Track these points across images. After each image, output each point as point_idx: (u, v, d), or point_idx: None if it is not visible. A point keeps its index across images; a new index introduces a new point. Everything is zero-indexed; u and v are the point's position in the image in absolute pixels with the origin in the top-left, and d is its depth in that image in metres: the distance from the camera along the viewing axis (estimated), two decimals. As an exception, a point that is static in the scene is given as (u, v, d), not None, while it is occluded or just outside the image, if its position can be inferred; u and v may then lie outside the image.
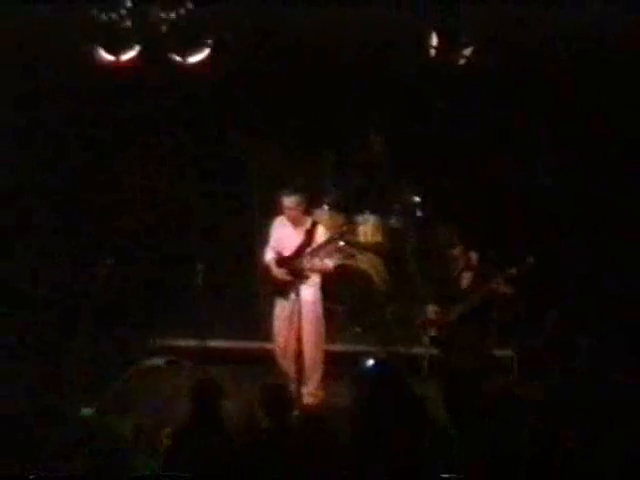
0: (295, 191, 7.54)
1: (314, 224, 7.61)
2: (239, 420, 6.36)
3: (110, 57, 7.41)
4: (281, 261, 7.58)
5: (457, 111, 8.73)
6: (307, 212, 7.69)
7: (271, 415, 5.46)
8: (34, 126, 8.60)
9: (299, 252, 7.51)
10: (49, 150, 8.75)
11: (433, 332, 7.33)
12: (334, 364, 7.96)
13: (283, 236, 7.65)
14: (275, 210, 7.73)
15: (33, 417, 6.67)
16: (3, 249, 8.49)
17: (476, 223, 8.29)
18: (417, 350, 8.14)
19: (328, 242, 7.55)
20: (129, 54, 7.40)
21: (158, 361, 8.48)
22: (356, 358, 7.84)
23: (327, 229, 7.78)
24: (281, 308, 7.69)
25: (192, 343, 8.18)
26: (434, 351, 7.53)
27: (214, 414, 5.51)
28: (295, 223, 7.58)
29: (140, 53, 7.44)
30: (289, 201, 7.49)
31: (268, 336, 8.05)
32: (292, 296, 7.50)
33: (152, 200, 9.31)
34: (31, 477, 4.96)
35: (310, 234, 7.54)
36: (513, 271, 6.98)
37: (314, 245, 7.49)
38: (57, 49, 7.74)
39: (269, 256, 7.67)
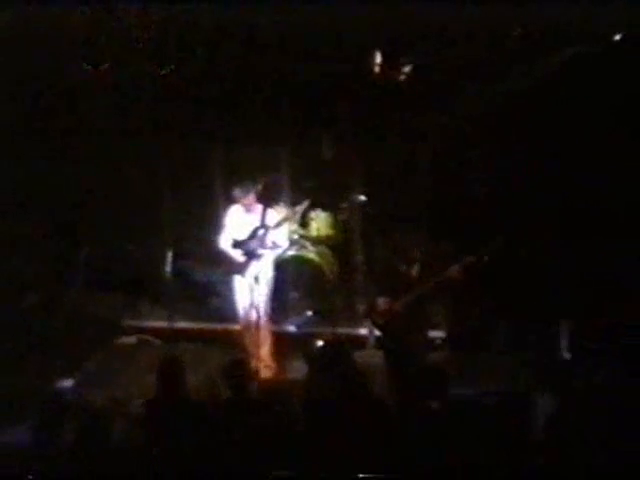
0: (247, 182, 7.77)
1: (265, 210, 7.78)
2: (202, 392, 6.45)
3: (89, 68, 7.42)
4: (236, 244, 7.77)
5: (408, 111, 8.63)
6: (258, 200, 7.80)
7: (233, 386, 5.59)
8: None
9: (252, 234, 7.73)
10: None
11: (380, 320, 7.18)
12: (288, 344, 8.14)
13: (237, 222, 7.84)
14: (231, 200, 7.88)
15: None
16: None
17: (428, 216, 8.41)
18: (362, 332, 8.36)
19: (279, 223, 7.79)
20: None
21: (131, 339, 8.54)
22: (308, 339, 8.13)
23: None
24: (240, 290, 7.84)
25: (161, 324, 8.30)
26: (377, 333, 7.45)
27: (178, 387, 5.63)
28: (248, 210, 7.78)
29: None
30: (242, 191, 7.71)
31: (229, 318, 8.16)
32: (248, 275, 7.71)
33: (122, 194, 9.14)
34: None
35: (262, 219, 7.75)
36: (472, 259, 6.80)
37: (266, 227, 7.71)
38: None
39: (225, 240, 7.84)
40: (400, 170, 8.95)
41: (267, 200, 7.98)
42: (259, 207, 7.81)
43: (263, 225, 7.74)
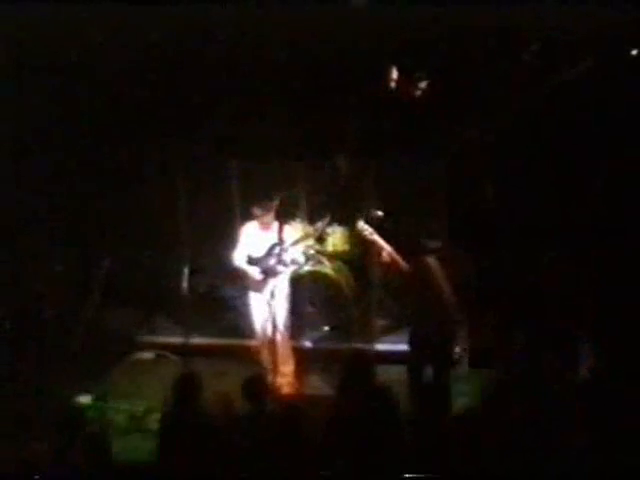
0: (265, 199, 7.61)
1: (281, 227, 7.65)
2: (220, 407, 6.09)
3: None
4: (252, 260, 7.63)
5: (425, 125, 8.50)
6: (275, 217, 7.66)
7: (250, 401, 5.51)
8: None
9: (269, 251, 7.59)
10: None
11: None
12: (305, 359, 8.01)
13: (254, 239, 7.70)
14: (248, 217, 7.77)
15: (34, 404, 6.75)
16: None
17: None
18: (380, 347, 8.29)
19: (297, 241, 7.67)
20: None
21: (148, 355, 8.48)
22: (325, 354, 8.03)
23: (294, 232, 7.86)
24: (256, 305, 7.72)
25: (178, 340, 8.21)
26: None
27: (195, 403, 5.55)
28: (264, 227, 7.65)
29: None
30: (259, 208, 7.57)
31: (246, 333, 8.05)
32: (265, 292, 7.58)
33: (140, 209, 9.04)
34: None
35: (279, 235, 7.61)
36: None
37: (283, 245, 7.57)
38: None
39: (241, 257, 7.70)
40: (417, 185, 8.80)
41: (284, 217, 7.85)
42: (276, 224, 7.69)
43: (280, 242, 7.61)
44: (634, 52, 7.21)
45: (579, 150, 7.83)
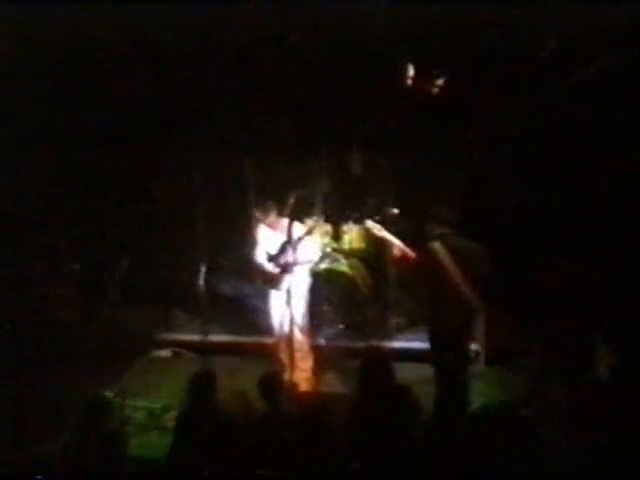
0: (267, 202, 7.67)
1: (290, 223, 7.64)
2: (236, 405, 6.22)
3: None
4: (269, 257, 7.69)
5: (441, 123, 8.44)
6: (280, 216, 7.68)
7: (267, 399, 5.53)
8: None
9: (283, 248, 7.62)
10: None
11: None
12: (322, 357, 7.99)
13: (266, 238, 7.76)
14: (259, 217, 7.79)
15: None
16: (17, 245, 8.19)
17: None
18: (396, 345, 8.31)
19: (305, 235, 7.64)
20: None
21: (165, 352, 8.54)
22: (341, 352, 8.04)
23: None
24: (273, 303, 7.76)
25: (196, 337, 8.18)
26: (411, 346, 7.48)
27: (212, 400, 5.60)
28: (273, 226, 7.71)
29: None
30: (262, 211, 7.65)
31: (263, 331, 8.10)
32: (281, 290, 7.61)
33: (155, 207, 9.13)
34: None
35: (288, 232, 7.60)
36: None
37: (294, 240, 7.57)
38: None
39: (258, 255, 7.76)
40: (433, 183, 8.78)
41: (292, 215, 7.76)
42: (284, 223, 7.68)
43: (290, 240, 7.60)
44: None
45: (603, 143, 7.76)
